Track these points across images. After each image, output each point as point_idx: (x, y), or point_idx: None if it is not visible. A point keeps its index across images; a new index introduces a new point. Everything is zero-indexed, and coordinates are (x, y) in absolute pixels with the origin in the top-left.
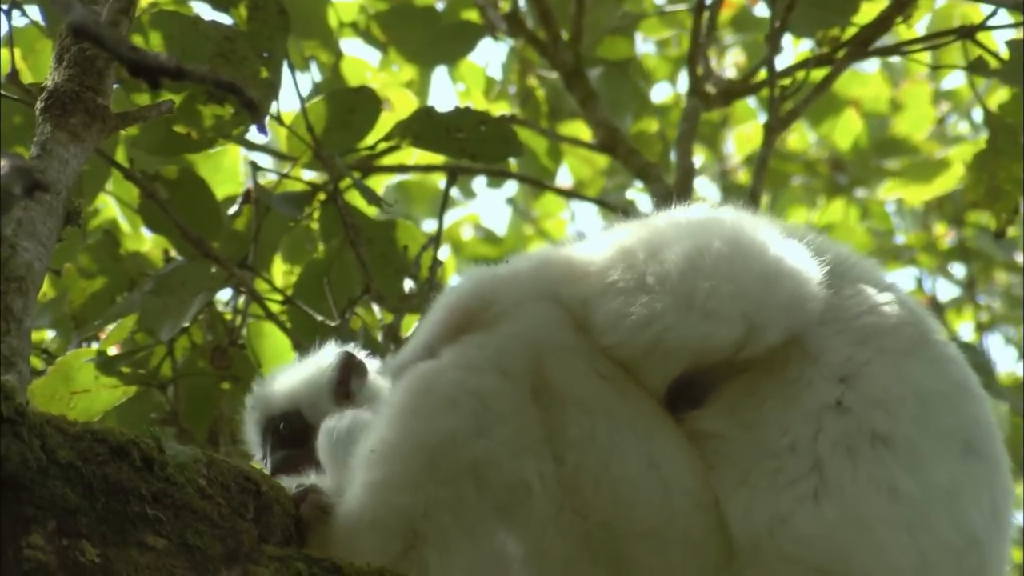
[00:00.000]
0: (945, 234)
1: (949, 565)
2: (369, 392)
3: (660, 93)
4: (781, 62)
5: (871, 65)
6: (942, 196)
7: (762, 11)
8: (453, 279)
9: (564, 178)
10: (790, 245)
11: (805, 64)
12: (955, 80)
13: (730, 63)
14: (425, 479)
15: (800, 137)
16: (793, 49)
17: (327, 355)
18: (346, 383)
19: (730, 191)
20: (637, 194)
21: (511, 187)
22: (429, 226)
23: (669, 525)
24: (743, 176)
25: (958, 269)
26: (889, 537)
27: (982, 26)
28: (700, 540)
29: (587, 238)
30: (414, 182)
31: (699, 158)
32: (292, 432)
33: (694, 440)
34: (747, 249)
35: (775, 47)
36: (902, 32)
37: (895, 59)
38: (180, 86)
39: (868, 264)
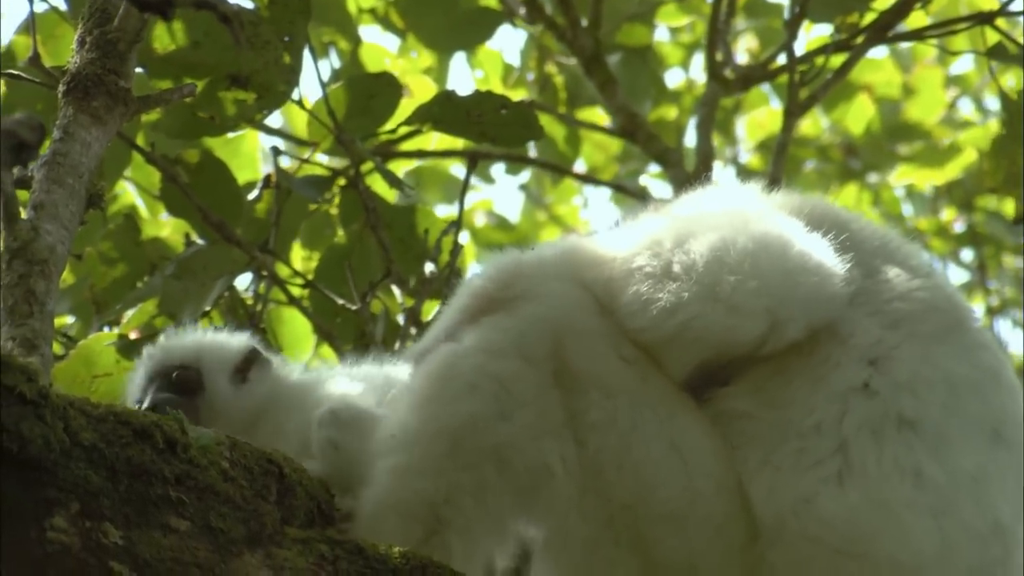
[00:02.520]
0: (955, 219)
1: (972, 550)
2: (265, 385)
3: (673, 79)
4: (798, 48)
5: (882, 51)
6: (952, 181)
7: None
8: (472, 265)
9: (578, 165)
10: (814, 240)
11: (824, 50)
12: (964, 65)
13: (743, 49)
14: (447, 464)
15: (813, 122)
16: (806, 34)
17: (240, 337)
18: (246, 369)
19: (744, 176)
20: (651, 180)
21: (525, 174)
22: (443, 212)
23: (691, 507)
24: (755, 161)
25: (967, 254)
26: (912, 521)
27: (1002, 11)
28: (722, 521)
29: (614, 227)
30: (429, 168)
31: (713, 143)
32: (182, 383)
33: (718, 420)
34: (772, 244)
35: (794, 33)
36: (916, 18)
37: (905, 45)
38: (202, 72)
39: (911, 248)
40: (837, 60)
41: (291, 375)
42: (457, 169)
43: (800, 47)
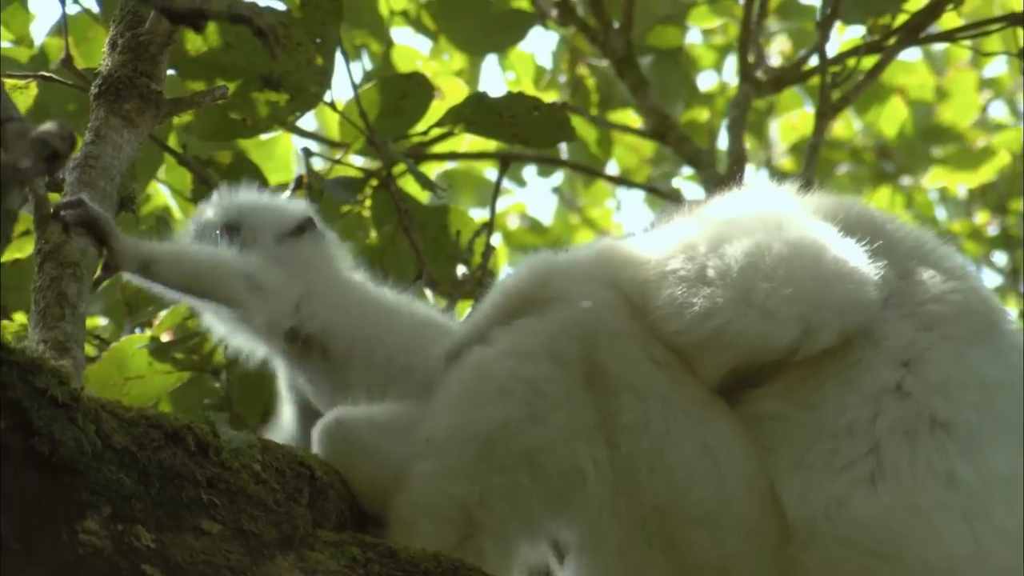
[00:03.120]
0: (988, 222)
1: (1005, 554)
2: (312, 254)
3: (705, 81)
4: (830, 49)
5: (915, 53)
6: (985, 184)
7: None
8: (505, 267)
9: (610, 168)
10: (848, 246)
11: (856, 51)
12: (997, 68)
13: (775, 51)
14: (480, 468)
15: (846, 125)
16: (839, 36)
17: (299, 204)
18: (300, 233)
19: (777, 178)
20: (684, 182)
21: (558, 176)
22: (476, 214)
23: (724, 509)
24: (788, 164)
25: (1000, 257)
26: (945, 523)
27: None
28: (755, 524)
29: (648, 230)
30: (461, 170)
31: (745, 145)
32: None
33: (750, 422)
34: (806, 250)
35: (826, 34)
36: (948, 19)
37: (938, 47)
38: (235, 74)
39: (946, 250)
40: (869, 62)
41: (344, 270)
42: (489, 172)
43: (832, 48)
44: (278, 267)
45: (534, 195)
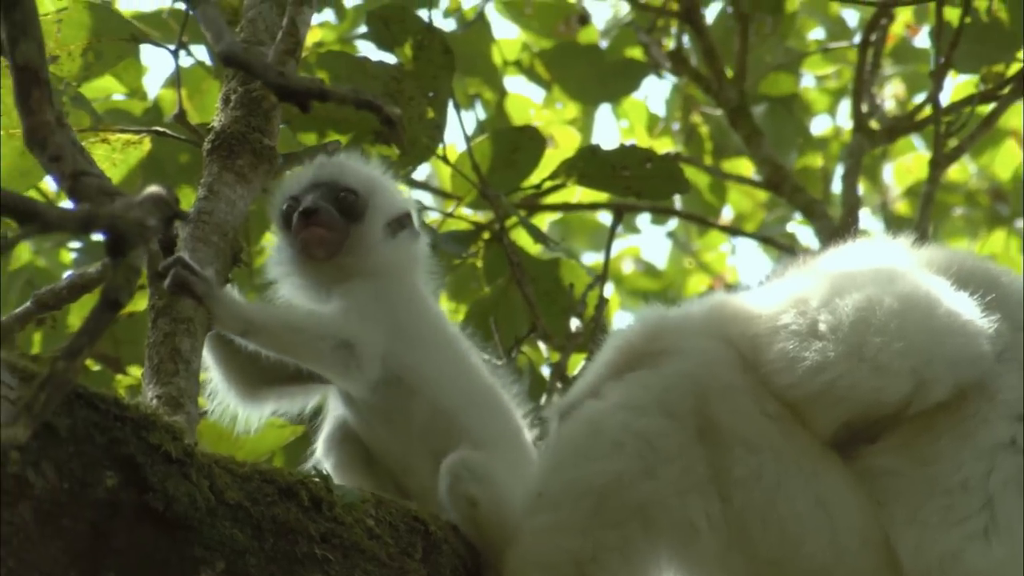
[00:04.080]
0: None
1: None
2: (401, 255)
3: (819, 125)
4: (944, 95)
5: None
6: None
7: (921, 41)
8: (618, 316)
9: (725, 211)
10: (960, 299)
11: (970, 100)
12: None
13: (889, 94)
14: (593, 522)
15: (961, 168)
16: (952, 80)
17: (406, 197)
18: (399, 228)
19: (892, 223)
20: (797, 227)
21: (672, 220)
22: (589, 259)
23: (837, 562)
24: (903, 207)
25: None
26: None
27: None
28: None
29: (762, 283)
30: (575, 216)
31: (859, 188)
32: (347, 205)
33: (864, 476)
34: (918, 305)
35: (940, 84)
36: None
37: None
38: (347, 127)
39: None
40: (983, 109)
41: (429, 303)
42: (603, 216)
43: (946, 95)
44: (369, 304)
45: (648, 239)
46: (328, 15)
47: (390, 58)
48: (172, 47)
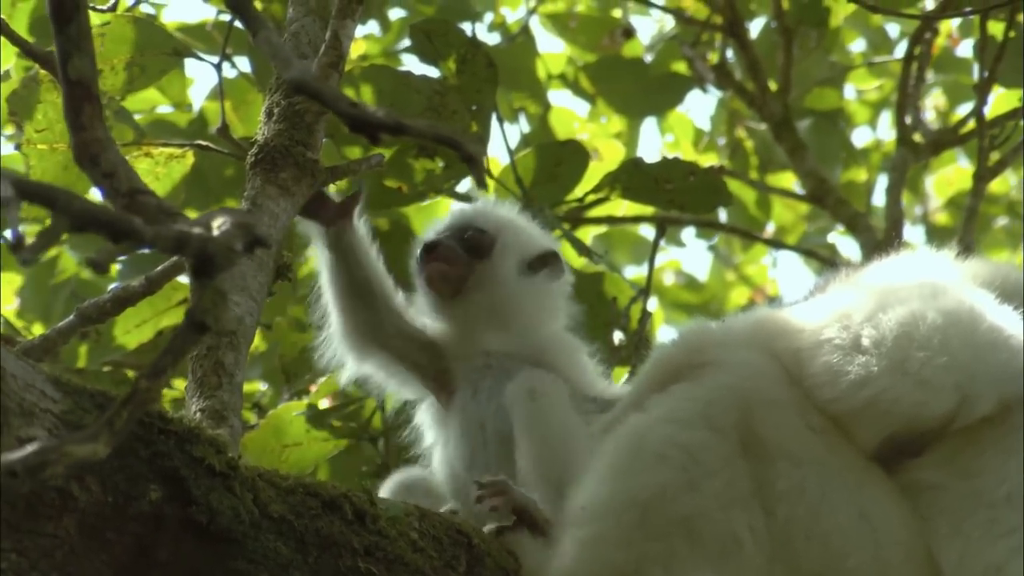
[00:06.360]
0: None
1: None
2: (550, 291)
3: (860, 137)
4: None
5: None
6: None
7: (963, 51)
8: (661, 330)
9: (767, 225)
10: (1005, 314)
11: (1014, 114)
12: None
13: (930, 105)
14: (637, 535)
15: (1003, 180)
16: (994, 92)
17: (549, 237)
18: (538, 267)
19: (933, 235)
20: (839, 238)
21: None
22: (631, 272)
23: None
24: (944, 218)
25: None
26: None
27: None
28: None
29: (806, 297)
30: (617, 229)
31: (902, 204)
32: (472, 243)
33: (908, 491)
34: (961, 319)
35: (983, 98)
36: None
37: None
38: (391, 141)
39: None
40: None
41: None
42: (646, 230)
43: (989, 106)
44: None
45: (690, 252)
46: (372, 27)
47: (434, 71)
48: (216, 60)
